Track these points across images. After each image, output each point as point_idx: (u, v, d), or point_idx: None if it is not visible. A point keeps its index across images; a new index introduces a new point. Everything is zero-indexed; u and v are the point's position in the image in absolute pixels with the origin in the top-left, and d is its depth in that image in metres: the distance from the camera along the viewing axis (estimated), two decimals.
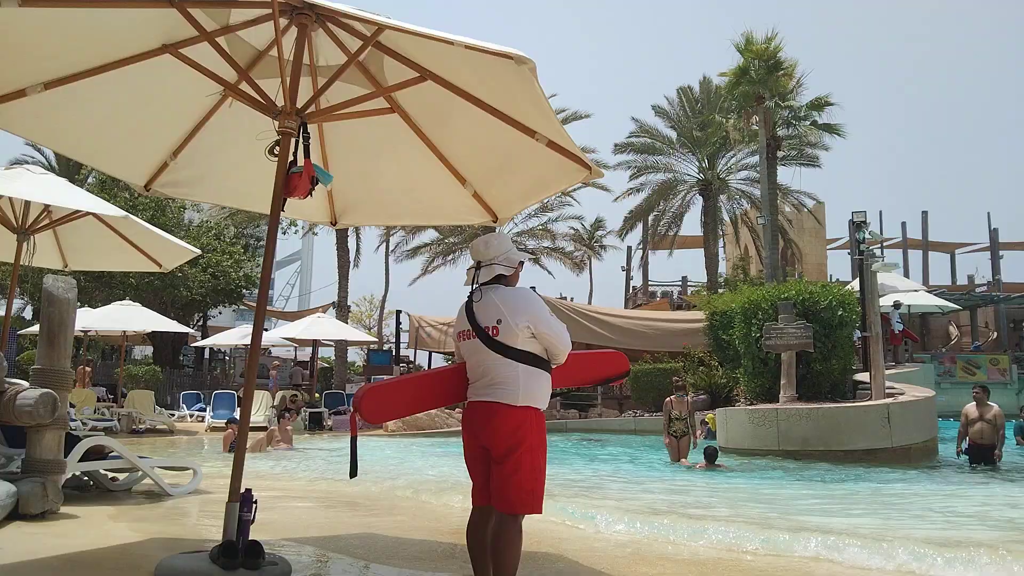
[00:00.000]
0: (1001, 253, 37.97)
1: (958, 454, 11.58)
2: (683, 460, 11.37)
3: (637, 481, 9.72)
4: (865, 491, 8.84)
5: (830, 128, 25.69)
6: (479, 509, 3.33)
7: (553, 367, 3.36)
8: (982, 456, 11.26)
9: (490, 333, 3.25)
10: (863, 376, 14.44)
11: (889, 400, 12.68)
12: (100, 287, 24.12)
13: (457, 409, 18.70)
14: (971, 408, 11.53)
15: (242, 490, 3.87)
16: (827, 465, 11.10)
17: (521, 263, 3.52)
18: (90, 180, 26.70)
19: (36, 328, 12.74)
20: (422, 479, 9.23)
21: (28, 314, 30.21)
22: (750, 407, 13.73)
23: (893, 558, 4.60)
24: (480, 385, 3.29)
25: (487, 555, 3.25)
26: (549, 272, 37.12)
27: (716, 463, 10.84)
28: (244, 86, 4.38)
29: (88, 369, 19.78)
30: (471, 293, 3.41)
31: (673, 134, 33.39)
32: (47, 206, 6.99)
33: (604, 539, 5.38)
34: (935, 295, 25.80)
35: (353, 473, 3.42)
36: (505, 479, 3.16)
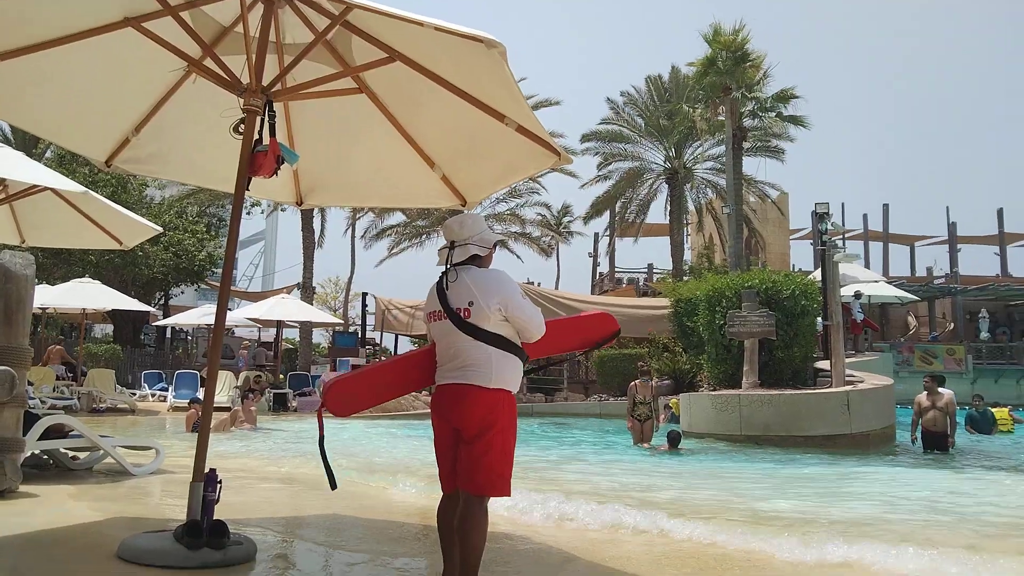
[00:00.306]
0: (959, 246, 38.85)
1: (912, 441, 11.92)
2: (645, 443, 11.52)
3: (597, 463, 9.84)
4: (815, 475, 9.05)
5: (795, 120, 26.02)
6: (448, 496, 3.29)
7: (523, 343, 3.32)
8: (935, 443, 11.60)
9: (462, 315, 3.20)
10: (824, 364, 14.73)
11: (849, 388, 12.95)
12: (59, 264, 23.61)
13: (424, 392, 18.70)
14: (923, 397, 11.86)
15: (206, 470, 3.86)
16: (785, 450, 11.33)
17: (495, 244, 3.47)
18: (48, 155, 26.04)
19: None
20: (386, 461, 9.25)
21: None
22: (713, 393, 13.94)
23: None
24: (451, 367, 3.24)
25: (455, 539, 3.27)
26: (518, 256, 37.23)
27: (678, 447, 11.02)
28: (209, 62, 4.32)
29: (59, 348, 19.40)
30: (444, 273, 3.35)
31: (641, 122, 33.54)
32: (3, 180, 6.82)
33: (565, 523, 5.43)
34: (895, 286, 26.35)
35: (333, 485, 3.38)
36: (475, 460, 3.13)
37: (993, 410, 15.94)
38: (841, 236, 33.66)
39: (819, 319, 15.02)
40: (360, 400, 3.51)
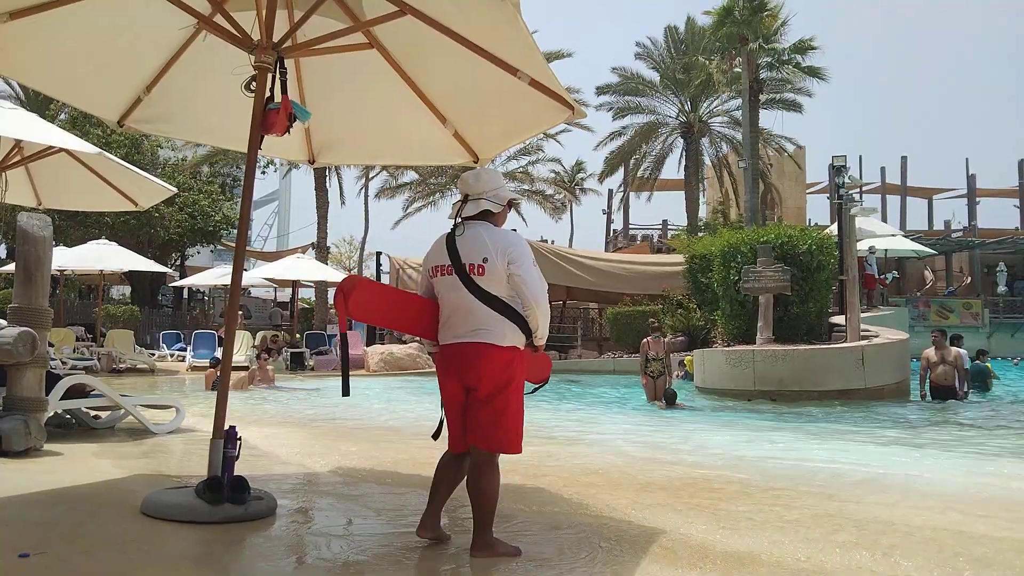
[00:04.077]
0: (978, 199, 38.35)
1: (922, 397, 11.95)
2: (659, 400, 11.55)
3: (598, 419, 9.91)
4: (796, 426, 9.14)
5: (813, 71, 25.54)
6: (454, 455, 3.33)
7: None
8: (945, 396, 11.67)
9: (476, 272, 3.16)
10: (839, 319, 14.68)
11: (863, 342, 12.91)
12: (75, 226, 23.76)
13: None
14: (931, 352, 11.91)
15: (226, 427, 3.91)
16: (798, 405, 11.33)
17: (510, 202, 3.40)
18: (61, 116, 26.02)
19: (11, 267, 12.53)
20: (406, 417, 9.35)
21: (2, 252, 29.78)
22: (727, 348, 13.94)
23: None
24: (463, 329, 3.20)
25: (449, 489, 3.37)
26: (523, 219, 37.24)
27: (676, 403, 11.10)
28: (219, 18, 4.27)
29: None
30: (454, 226, 3.29)
31: (656, 76, 33.07)
32: (18, 142, 6.83)
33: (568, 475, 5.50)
34: (912, 240, 26.10)
35: (346, 391, 3.35)
36: (494, 420, 3.15)
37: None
38: (858, 189, 33.32)
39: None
40: (374, 311, 3.39)
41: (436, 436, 3.40)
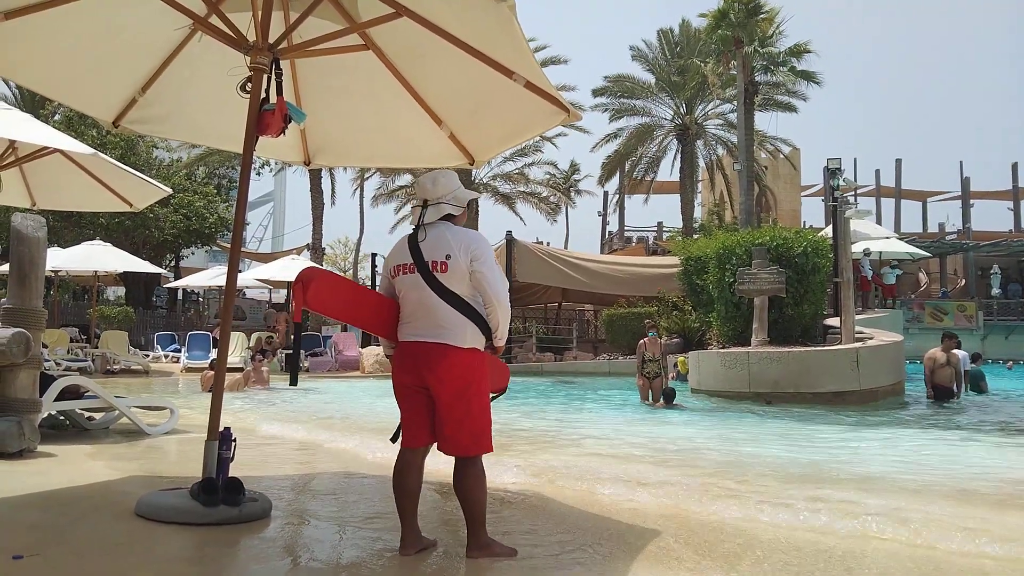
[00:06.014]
0: (972, 202, 38.54)
1: (929, 397, 12.03)
2: (654, 401, 11.57)
3: (596, 421, 9.93)
4: (785, 428, 9.14)
5: (807, 75, 25.62)
6: (411, 451, 3.29)
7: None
8: (944, 397, 11.77)
9: (439, 269, 3.16)
10: (834, 321, 14.71)
11: (858, 344, 12.94)
12: (70, 227, 23.70)
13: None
14: (939, 354, 11.96)
15: (221, 428, 3.90)
16: (791, 406, 11.35)
17: (469, 203, 3.40)
18: (56, 117, 25.95)
19: (5, 268, 12.48)
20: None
21: None
22: (722, 350, 13.95)
23: None
24: (423, 326, 3.19)
25: (414, 501, 3.29)
26: (521, 219, 37.17)
27: (674, 403, 11.18)
28: (214, 19, 4.26)
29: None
30: (416, 230, 3.29)
31: (652, 78, 33.14)
32: (12, 142, 6.80)
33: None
34: (906, 242, 26.17)
35: (294, 381, 3.69)
36: (458, 424, 3.16)
37: None
38: (853, 192, 33.38)
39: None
40: (332, 303, 3.38)
41: (395, 439, 3.37)
